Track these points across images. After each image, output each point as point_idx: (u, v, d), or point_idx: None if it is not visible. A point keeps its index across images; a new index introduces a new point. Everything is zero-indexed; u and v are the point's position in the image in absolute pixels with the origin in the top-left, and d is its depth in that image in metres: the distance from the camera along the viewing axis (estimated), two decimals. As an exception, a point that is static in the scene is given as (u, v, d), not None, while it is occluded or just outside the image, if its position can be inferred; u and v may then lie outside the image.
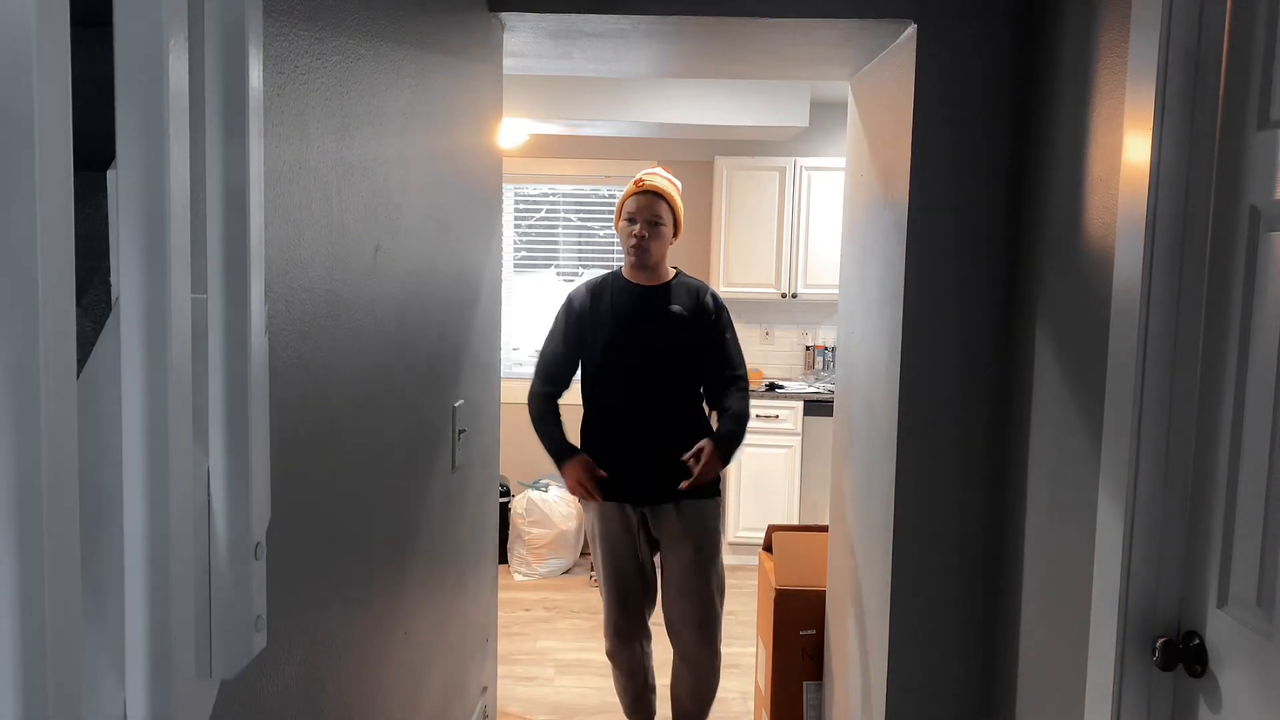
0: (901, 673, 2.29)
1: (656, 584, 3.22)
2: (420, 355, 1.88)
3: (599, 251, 5.81)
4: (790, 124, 4.81)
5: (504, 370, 2.62)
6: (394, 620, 1.72)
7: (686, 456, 2.98)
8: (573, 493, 3.09)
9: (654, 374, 3.05)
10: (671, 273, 3.17)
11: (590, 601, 4.79)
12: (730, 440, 3.04)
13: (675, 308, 3.07)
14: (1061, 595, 1.85)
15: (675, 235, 3.12)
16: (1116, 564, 1.54)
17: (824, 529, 3.22)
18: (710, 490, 3.09)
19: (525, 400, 3.15)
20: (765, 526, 3.62)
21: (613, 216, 6.19)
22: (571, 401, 3.17)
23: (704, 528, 3.09)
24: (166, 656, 0.84)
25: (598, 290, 3.16)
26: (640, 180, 3.11)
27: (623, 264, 3.18)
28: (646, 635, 3.23)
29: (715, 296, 3.17)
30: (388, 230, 1.61)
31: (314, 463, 1.31)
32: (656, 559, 3.22)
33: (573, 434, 3.15)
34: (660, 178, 3.11)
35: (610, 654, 3.25)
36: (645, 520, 3.11)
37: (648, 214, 3.04)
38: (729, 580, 3.40)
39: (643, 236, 3.05)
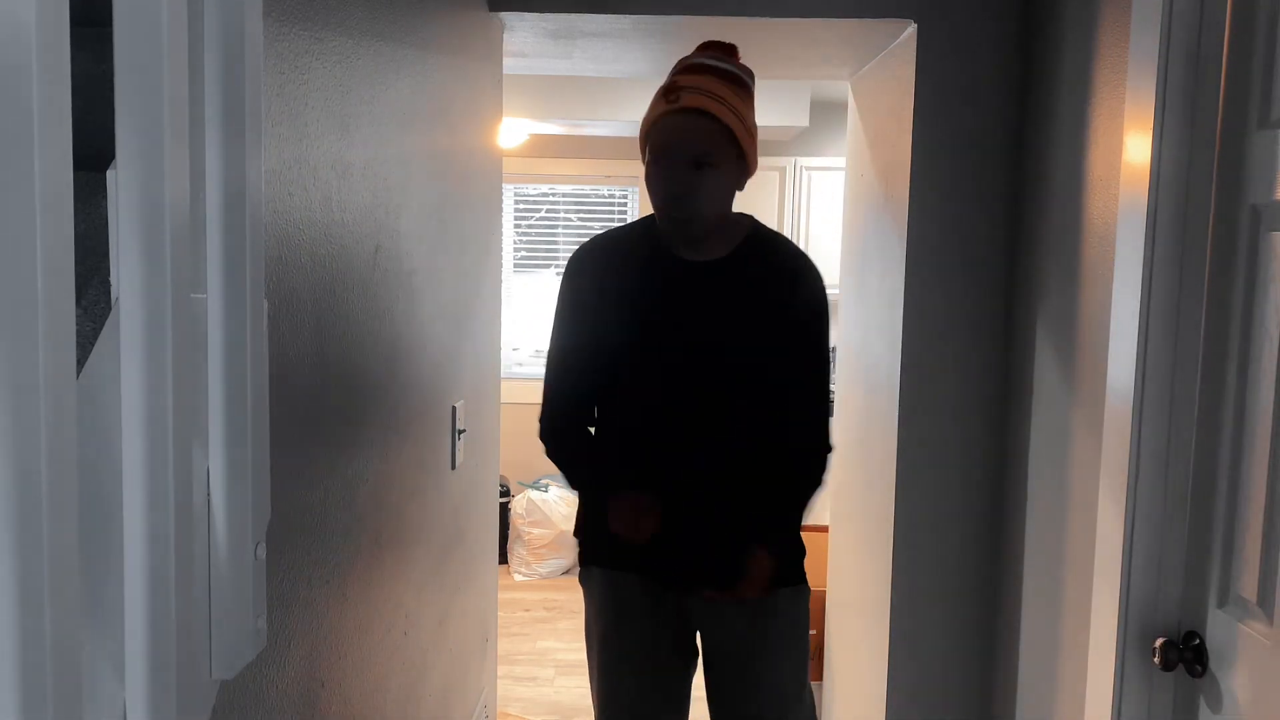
0: (901, 673, 2.29)
1: None
2: (420, 355, 1.88)
3: (599, 251, 5.80)
4: (790, 124, 4.80)
5: (504, 370, 2.60)
6: (394, 620, 1.72)
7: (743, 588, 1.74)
8: (628, 536, 1.70)
9: (709, 400, 1.77)
10: (741, 231, 1.80)
11: (590, 601, 4.78)
12: (787, 534, 1.83)
13: (749, 298, 1.77)
14: (1061, 596, 1.85)
15: (746, 176, 1.75)
16: (1116, 564, 1.54)
17: (824, 529, 3.22)
18: (792, 573, 1.83)
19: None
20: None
21: (614, 218, 6.16)
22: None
23: (787, 631, 1.84)
24: (166, 656, 0.84)
25: (619, 255, 1.86)
26: (675, 85, 1.67)
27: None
28: None
29: (817, 277, 1.82)
30: (388, 230, 1.61)
31: (314, 463, 1.31)
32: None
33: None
34: (705, 86, 1.66)
35: None
36: (683, 617, 1.87)
37: (685, 148, 1.65)
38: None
39: (680, 195, 1.66)
